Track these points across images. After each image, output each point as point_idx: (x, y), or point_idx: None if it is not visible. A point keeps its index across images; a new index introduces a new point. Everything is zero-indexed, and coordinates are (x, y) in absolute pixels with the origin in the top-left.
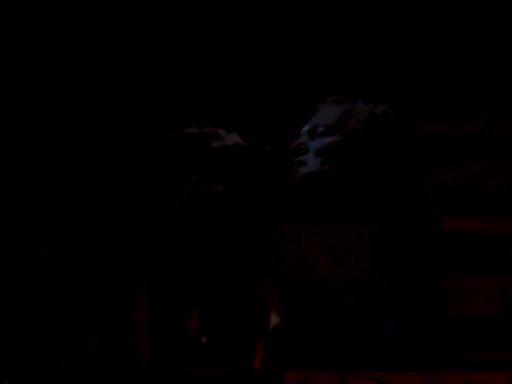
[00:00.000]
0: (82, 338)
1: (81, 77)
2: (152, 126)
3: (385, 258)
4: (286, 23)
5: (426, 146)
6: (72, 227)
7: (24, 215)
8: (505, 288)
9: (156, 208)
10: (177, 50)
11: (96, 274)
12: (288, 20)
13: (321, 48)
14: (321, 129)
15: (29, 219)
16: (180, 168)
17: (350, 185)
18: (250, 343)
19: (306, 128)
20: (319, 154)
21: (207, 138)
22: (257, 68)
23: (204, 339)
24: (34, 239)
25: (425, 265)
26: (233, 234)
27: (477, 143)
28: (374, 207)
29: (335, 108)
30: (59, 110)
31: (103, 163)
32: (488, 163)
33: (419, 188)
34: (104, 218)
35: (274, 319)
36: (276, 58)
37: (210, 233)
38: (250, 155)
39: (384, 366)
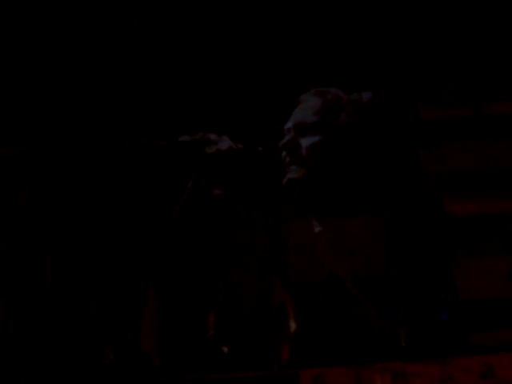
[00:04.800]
0: (96, 356)
1: (73, 93)
2: (142, 138)
3: (390, 247)
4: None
5: (422, 131)
6: (76, 243)
7: (27, 238)
8: None
9: (156, 217)
10: (160, 61)
11: (103, 286)
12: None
13: (302, 37)
14: (309, 126)
15: (33, 242)
16: (176, 176)
17: (348, 178)
18: (267, 346)
19: (290, 124)
20: (312, 150)
21: (200, 145)
22: (240, 70)
23: (225, 349)
24: (40, 261)
25: (431, 251)
26: (236, 236)
27: (472, 125)
28: (374, 198)
29: (318, 100)
30: (54, 129)
31: (101, 178)
32: (485, 144)
33: (419, 174)
34: (106, 232)
35: (293, 322)
36: (253, 53)
37: (213, 237)
38: (243, 158)
39: (399, 356)
